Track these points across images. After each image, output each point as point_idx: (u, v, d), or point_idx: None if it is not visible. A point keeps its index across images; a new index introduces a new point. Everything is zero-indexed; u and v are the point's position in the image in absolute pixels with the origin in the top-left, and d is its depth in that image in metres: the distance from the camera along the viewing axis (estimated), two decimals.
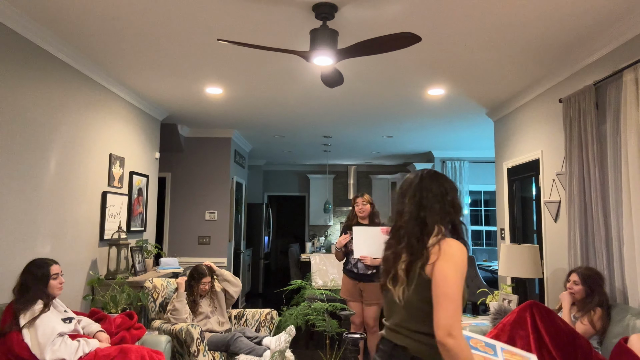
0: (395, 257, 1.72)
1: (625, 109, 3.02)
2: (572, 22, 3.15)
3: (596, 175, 3.31)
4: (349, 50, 2.85)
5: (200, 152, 6.95)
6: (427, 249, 1.64)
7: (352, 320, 4.10)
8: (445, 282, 1.57)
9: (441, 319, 1.52)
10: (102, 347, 2.80)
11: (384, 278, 1.74)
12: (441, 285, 1.56)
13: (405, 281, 1.65)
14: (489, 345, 1.76)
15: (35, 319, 2.61)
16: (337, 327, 3.17)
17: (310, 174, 10.70)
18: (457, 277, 1.59)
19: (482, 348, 1.72)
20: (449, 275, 1.57)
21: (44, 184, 3.48)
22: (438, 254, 1.62)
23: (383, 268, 1.78)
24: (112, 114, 4.56)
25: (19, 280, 2.74)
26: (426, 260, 1.62)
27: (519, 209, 5.08)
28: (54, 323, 2.69)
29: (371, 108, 5.50)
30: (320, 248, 9.11)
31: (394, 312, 1.72)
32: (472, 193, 8.85)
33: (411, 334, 1.65)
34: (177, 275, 4.96)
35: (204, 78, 4.42)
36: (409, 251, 1.67)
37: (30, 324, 2.58)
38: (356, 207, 4.24)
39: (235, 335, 3.58)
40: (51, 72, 3.56)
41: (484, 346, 1.74)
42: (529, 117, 4.71)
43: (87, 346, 2.72)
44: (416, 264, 1.64)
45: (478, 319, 3.89)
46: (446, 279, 1.57)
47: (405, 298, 1.65)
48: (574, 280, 3.08)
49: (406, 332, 1.66)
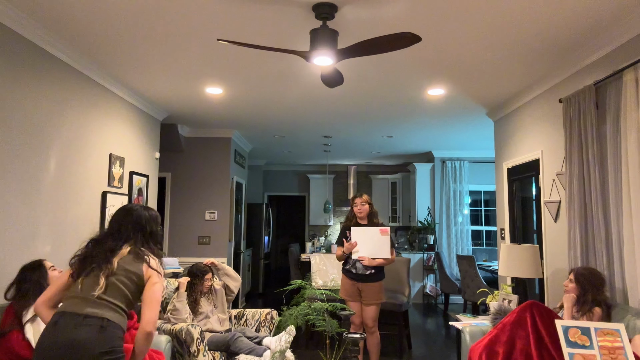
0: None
1: (625, 109, 3.02)
2: (572, 22, 3.15)
3: (596, 175, 3.31)
4: (349, 50, 2.85)
5: (200, 152, 6.95)
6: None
7: (352, 320, 4.10)
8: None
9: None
10: None
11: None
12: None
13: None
14: (584, 332, 1.99)
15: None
16: (337, 327, 3.17)
17: (310, 174, 10.70)
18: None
19: (580, 340, 1.96)
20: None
21: (44, 184, 3.49)
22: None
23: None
24: (112, 114, 4.56)
25: (15, 283, 2.71)
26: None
27: (519, 209, 5.08)
28: None
29: (371, 108, 5.50)
30: (320, 248, 9.11)
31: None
32: (472, 193, 8.85)
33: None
34: (177, 275, 4.96)
35: (204, 78, 4.42)
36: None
37: (33, 319, 2.60)
38: (355, 208, 4.24)
39: (236, 335, 3.58)
40: (51, 72, 3.56)
41: (580, 335, 1.98)
42: (529, 117, 4.71)
43: None
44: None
45: (478, 319, 3.89)
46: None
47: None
48: (570, 278, 3.09)
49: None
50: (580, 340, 2.00)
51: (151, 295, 2.18)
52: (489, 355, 2.78)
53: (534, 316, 2.77)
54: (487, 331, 3.24)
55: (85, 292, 2.13)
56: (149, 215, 2.39)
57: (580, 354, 1.95)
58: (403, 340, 5.23)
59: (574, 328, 2.08)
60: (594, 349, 1.99)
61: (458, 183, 8.55)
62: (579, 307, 3.01)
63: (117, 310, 2.13)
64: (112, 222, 2.35)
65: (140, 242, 2.31)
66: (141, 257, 2.25)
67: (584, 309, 2.96)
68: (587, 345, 1.99)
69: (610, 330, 2.06)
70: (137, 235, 2.31)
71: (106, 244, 2.25)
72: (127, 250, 2.26)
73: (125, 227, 2.31)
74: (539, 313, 2.77)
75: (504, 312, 3.31)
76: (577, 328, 2.10)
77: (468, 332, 3.48)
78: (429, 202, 8.79)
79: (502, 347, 2.76)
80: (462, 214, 8.46)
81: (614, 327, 2.08)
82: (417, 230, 8.88)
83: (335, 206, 10.74)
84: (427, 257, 8.50)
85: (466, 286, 6.79)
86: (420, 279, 8.52)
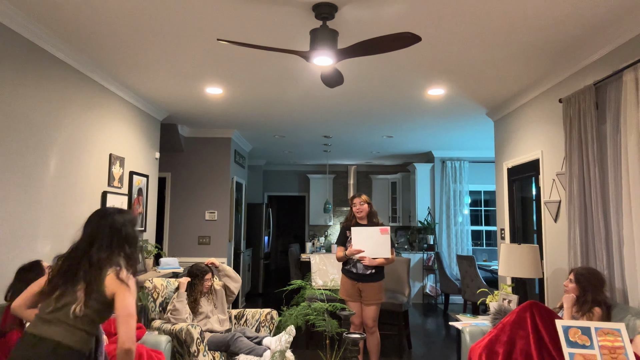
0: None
1: (625, 109, 3.02)
2: (572, 22, 3.15)
3: (596, 175, 3.31)
4: (349, 50, 2.85)
5: (200, 152, 6.95)
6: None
7: (352, 320, 4.10)
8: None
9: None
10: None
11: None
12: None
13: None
14: (585, 332, 1.99)
15: None
16: (337, 327, 3.17)
17: (310, 174, 10.70)
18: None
19: (580, 339, 1.96)
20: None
21: (44, 184, 3.48)
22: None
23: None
24: (112, 114, 4.56)
25: (14, 285, 2.71)
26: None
27: (519, 209, 5.08)
28: None
29: (371, 108, 5.50)
30: (320, 248, 9.11)
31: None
32: (472, 193, 8.85)
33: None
34: (177, 275, 4.96)
35: (204, 78, 4.42)
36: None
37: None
38: (354, 208, 4.24)
39: (235, 335, 3.58)
40: (51, 72, 3.56)
41: (580, 335, 1.98)
42: (529, 117, 4.71)
43: None
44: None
45: (478, 319, 3.89)
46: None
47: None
48: (570, 278, 3.09)
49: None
50: (581, 340, 2.01)
51: (123, 310, 2.04)
52: (489, 355, 2.78)
53: (534, 316, 2.77)
54: (487, 331, 3.24)
55: (42, 312, 2.06)
56: (124, 220, 2.24)
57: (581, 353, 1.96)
58: (403, 340, 5.23)
59: (574, 328, 2.08)
60: (594, 348, 1.99)
61: (458, 183, 8.55)
62: (579, 307, 3.01)
63: (75, 332, 2.02)
64: (87, 228, 2.21)
65: (117, 249, 2.17)
66: (108, 268, 2.10)
67: (583, 309, 2.96)
68: (588, 345, 2.00)
69: (611, 330, 2.06)
70: (113, 240, 2.17)
71: (77, 258, 2.12)
72: (96, 262, 2.12)
73: (101, 233, 2.16)
74: (539, 313, 2.77)
75: (504, 312, 3.31)
76: (577, 328, 2.10)
77: (468, 332, 3.48)
78: (429, 202, 8.79)
79: (502, 347, 2.76)
80: (462, 214, 8.46)
81: (614, 327, 2.09)
82: (417, 230, 8.88)
83: (335, 206, 10.74)
84: (427, 257, 8.49)
85: (466, 286, 6.79)
86: (420, 279, 8.52)
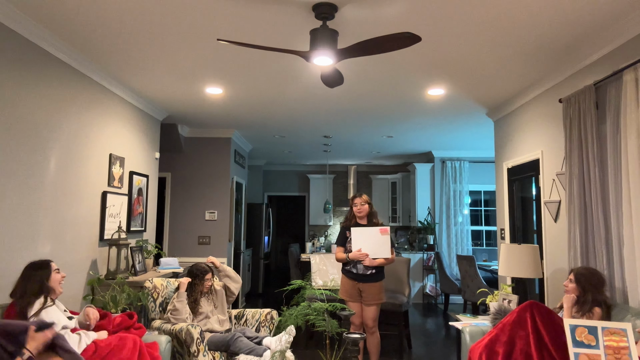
0: None
1: (625, 109, 3.02)
2: (572, 22, 3.15)
3: (596, 175, 3.31)
4: (349, 50, 2.85)
5: (200, 152, 6.95)
6: None
7: (352, 320, 4.10)
8: None
9: None
10: (100, 338, 2.85)
11: None
12: None
13: None
14: (591, 331, 2.01)
15: (42, 309, 2.70)
16: (337, 327, 3.17)
17: (310, 174, 10.70)
18: None
19: (586, 339, 1.98)
20: None
21: (44, 184, 3.48)
22: None
23: None
24: (112, 114, 4.56)
25: (19, 282, 2.78)
26: None
27: (519, 209, 5.08)
28: (59, 316, 2.80)
29: (371, 108, 5.50)
30: (320, 248, 9.11)
31: None
32: (472, 193, 8.85)
33: None
34: (177, 275, 4.96)
35: (204, 78, 4.42)
36: None
37: (36, 315, 2.67)
38: (354, 208, 4.24)
39: (235, 335, 3.58)
40: (51, 72, 3.56)
41: (587, 335, 2.00)
42: (529, 117, 4.71)
43: (87, 338, 2.79)
44: None
45: (478, 319, 3.89)
46: None
47: None
48: (570, 278, 3.09)
49: None
50: (587, 340, 2.02)
51: None
52: (489, 355, 2.78)
53: (534, 316, 2.77)
54: (487, 331, 3.24)
55: None
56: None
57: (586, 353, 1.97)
58: (403, 340, 5.23)
59: (581, 327, 2.10)
60: (599, 348, 2.00)
61: (458, 183, 8.55)
62: (579, 307, 3.01)
63: None
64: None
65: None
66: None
67: (584, 309, 2.96)
68: (593, 345, 2.01)
69: (617, 329, 2.07)
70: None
71: None
72: None
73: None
74: (539, 313, 2.77)
75: (504, 312, 3.31)
76: (584, 327, 2.11)
77: (468, 332, 3.48)
78: (429, 202, 8.79)
79: (502, 347, 2.76)
80: (462, 214, 8.46)
81: (621, 327, 2.09)
82: (417, 230, 8.88)
83: (335, 206, 10.74)
84: (427, 257, 8.49)
85: (466, 286, 6.79)
86: (420, 279, 8.52)
